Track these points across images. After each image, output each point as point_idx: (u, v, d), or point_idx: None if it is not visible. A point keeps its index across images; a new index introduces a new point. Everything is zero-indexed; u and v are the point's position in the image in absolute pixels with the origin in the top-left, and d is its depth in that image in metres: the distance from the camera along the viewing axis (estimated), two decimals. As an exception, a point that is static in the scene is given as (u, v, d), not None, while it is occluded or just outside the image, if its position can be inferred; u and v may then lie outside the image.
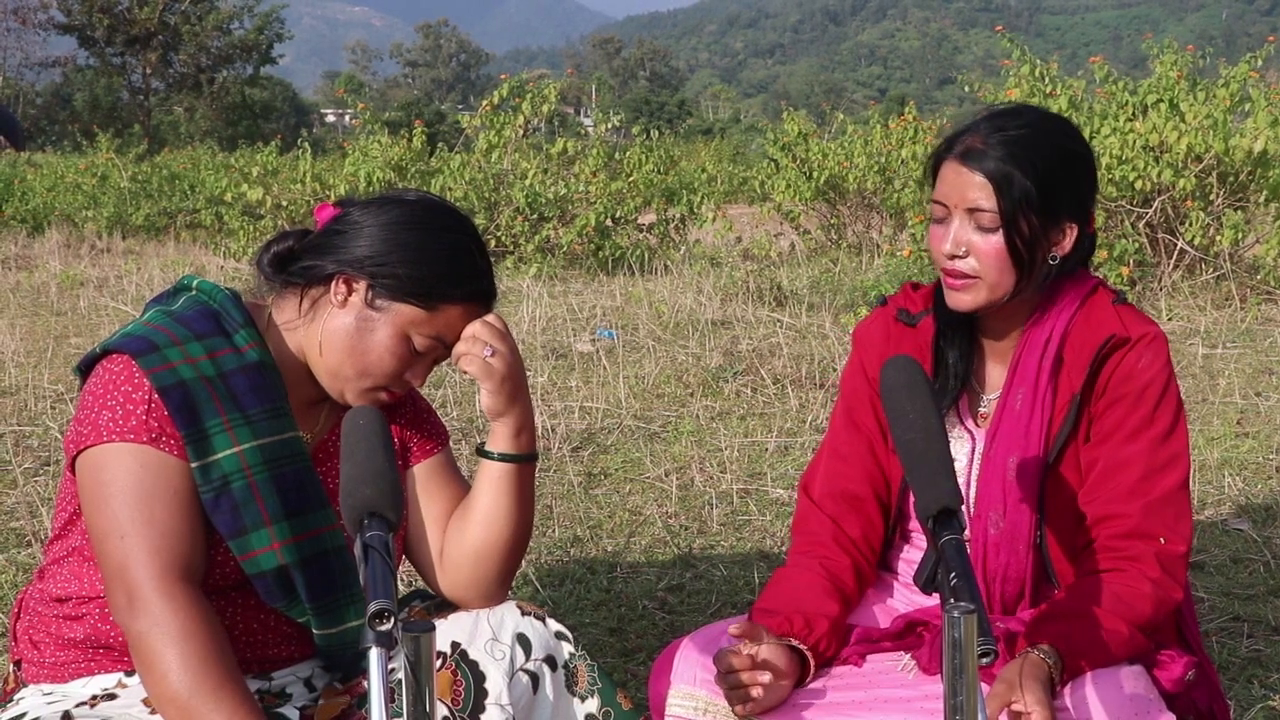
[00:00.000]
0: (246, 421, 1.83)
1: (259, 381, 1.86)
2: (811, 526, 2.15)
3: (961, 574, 1.43)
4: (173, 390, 1.78)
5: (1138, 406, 1.98)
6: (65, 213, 16.68)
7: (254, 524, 1.82)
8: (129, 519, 1.74)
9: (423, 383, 1.95)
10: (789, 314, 7.78)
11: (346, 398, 1.91)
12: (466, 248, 1.91)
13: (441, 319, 1.88)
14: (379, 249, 1.87)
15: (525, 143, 12.21)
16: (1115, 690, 1.81)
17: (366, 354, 1.87)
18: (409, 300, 1.86)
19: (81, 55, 49.70)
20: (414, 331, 1.87)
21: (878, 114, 13.63)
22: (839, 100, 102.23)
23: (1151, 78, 8.78)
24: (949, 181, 1.98)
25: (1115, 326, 2.00)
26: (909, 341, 2.12)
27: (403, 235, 1.88)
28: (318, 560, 1.89)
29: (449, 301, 1.88)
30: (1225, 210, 8.29)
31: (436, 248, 1.88)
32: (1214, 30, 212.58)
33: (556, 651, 1.94)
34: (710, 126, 57.12)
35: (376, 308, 1.87)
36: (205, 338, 1.85)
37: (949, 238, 1.97)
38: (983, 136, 1.96)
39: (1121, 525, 1.95)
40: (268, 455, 1.84)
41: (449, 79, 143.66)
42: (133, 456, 1.76)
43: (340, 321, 1.88)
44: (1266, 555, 3.64)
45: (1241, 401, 5.50)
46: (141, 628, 1.72)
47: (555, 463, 4.71)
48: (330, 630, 1.92)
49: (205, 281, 1.94)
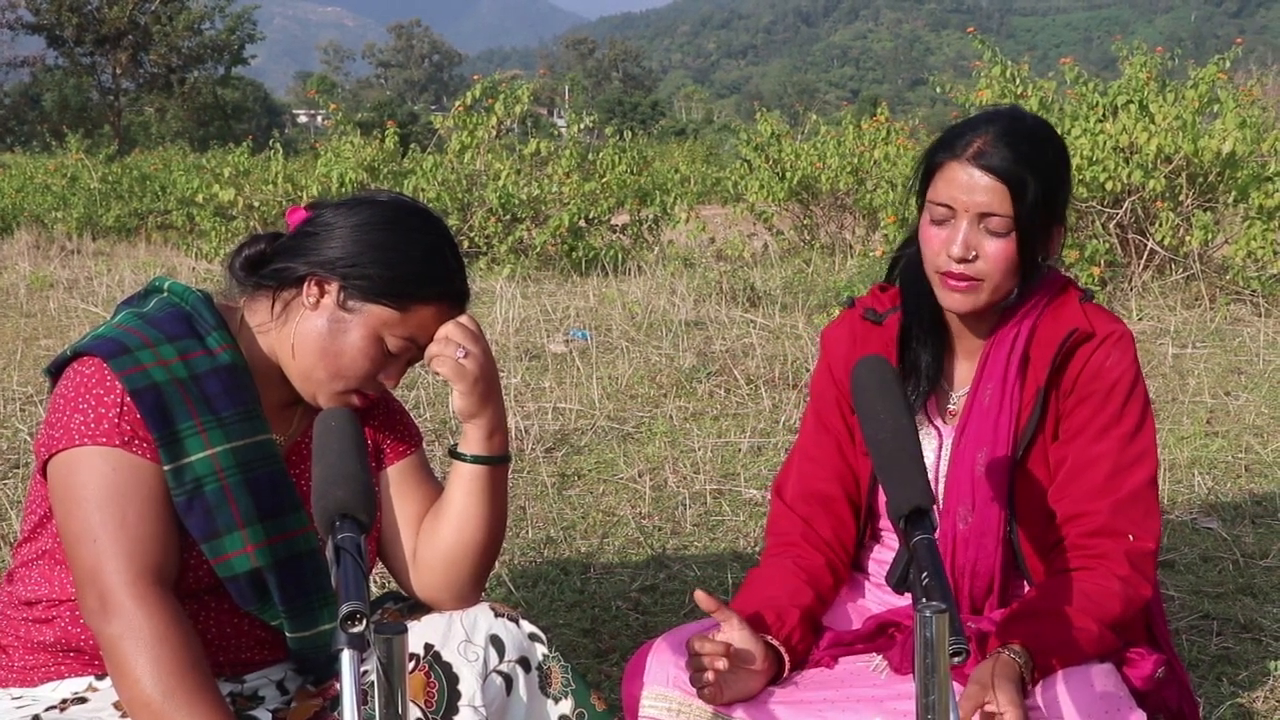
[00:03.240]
0: (219, 424, 1.82)
1: (232, 384, 1.85)
2: (784, 527, 2.17)
3: (933, 573, 1.44)
4: (145, 392, 1.77)
5: (1105, 404, 2.00)
6: (34, 214, 16.57)
7: (227, 527, 1.81)
8: (101, 523, 1.73)
9: (396, 384, 1.94)
10: (762, 314, 7.79)
11: (319, 400, 1.90)
12: (439, 248, 1.91)
13: (414, 319, 1.88)
14: (351, 250, 1.86)
15: (498, 143, 12.18)
16: (1086, 689, 1.83)
17: (339, 356, 1.87)
18: (381, 301, 1.85)
19: (50, 55, 49.35)
20: (387, 333, 1.87)
21: (850, 115, 13.66)
22: (812, 101, 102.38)
23: (1121, 79, 8.83)
24: (958, 184, 1.94)
25: (1080, 322, 2.01)
26: (875, 339, 2.13)
27: (374, 236, 1.87)
28: (291, 563, 1.88)
29: (421, 302, 1.87)
30: (1195, 211, 8.34)
31: (408, 248, 1.87)
32: (1183, 32, 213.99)
33: (530, 653, 1.94)
34: (683, 127, 57.16)
35: (349, 309, 1.86)
36: (177, 340, 1.83)
37: (958, 241, 1.94)
38: (991, 138, 1.93)
39: (1090, 523, 1.96)
40: (240, 458, 1.83)
41: (422, 80, 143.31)
42: (105, 460, 1.75)
43: (312, 324, 1.87)
44: (1236, 553, 3.67)
45: (1211, 401, 5.54)
46: (114, 632, 1.71)
47: (529, 464, 4.70)
48: (304, 633, 1.91)
49: (177, 283, 1.93)
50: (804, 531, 2.14)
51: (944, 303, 2.02)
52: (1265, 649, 3.05)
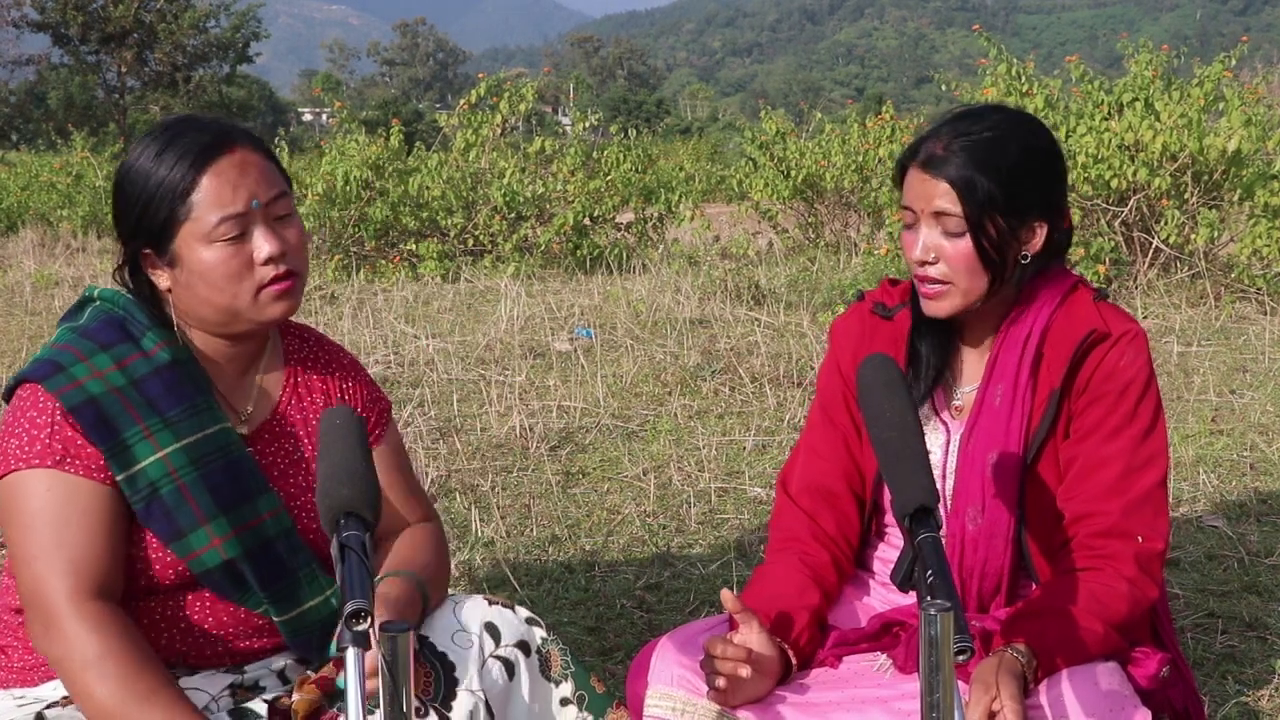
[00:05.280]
0: (166, 425, 1.82)
1: (173, 381, 1.85)
2: (788, 522, 2.17)
3: (938, 571, 1.44)
4: (84, 408, 1.77)
5: (1119, 404, 1.99)
6: (40, 212, 16.56)
7: (190, 525, 1.82)
8: (38, 544, 1.75)
9: (279, 243, 1.84)
10: (767, 312, 7.78)
11: (262, 319, 1.86)
12: (160, 153, 1.82)
13: (206, 203, 1.80)
14: (121, 216, 1.84)
15: (503, 142, 12.18)
16: (1091, 687, 1.82)
17: (217, 289, 1.82)
18: (174, 231, 1.80)
19: (56, 53, 49.31)
20: (208, 236, 1.80)
21: (855, 113, 13.66)
22: (816, 99, 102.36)
23: (1127, 77, 8.81)
24: (914, 189, 2.00)
25: (1096, 322, 2.01)
26: (884, 334, 2.14)
27: (125, 192, 1.83)
28: (262, 549, 1.88)
29: (193, 190, 1.79)
30: (1200, 209, 8.32)
31: (147, 177, 1.81)
32: (1188, 30, 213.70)
33: (529, 637, 1.95)
34: (688, 125, 57.19)
35: (174, 256, 1.82)
36: (111, 347, 1.84)
37: (918, 244, 1.99)
38: (944, 142, 1.97)
39: (1100, 523, 1.96)
40: (193, 455, 1.83)
41: (426, 78, 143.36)
42: (38, 482, 1.76)
43: (180, 288, 1.85)
44: (1241, 552, 3.66)
45: (1216, 399, 5.53)
46: (57, 654, 1.73)
47: (533, 462, 4.70)
48: (289, 615, 1.91)
49: (106, 290, 1.92)
50: (809, 527, 2.14)
51: (924, 309, 2.04)
52: (1270, 647, 3.04)
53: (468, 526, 3.98)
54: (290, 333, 2.08)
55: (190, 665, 1.91)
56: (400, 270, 10.37)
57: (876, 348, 2.10)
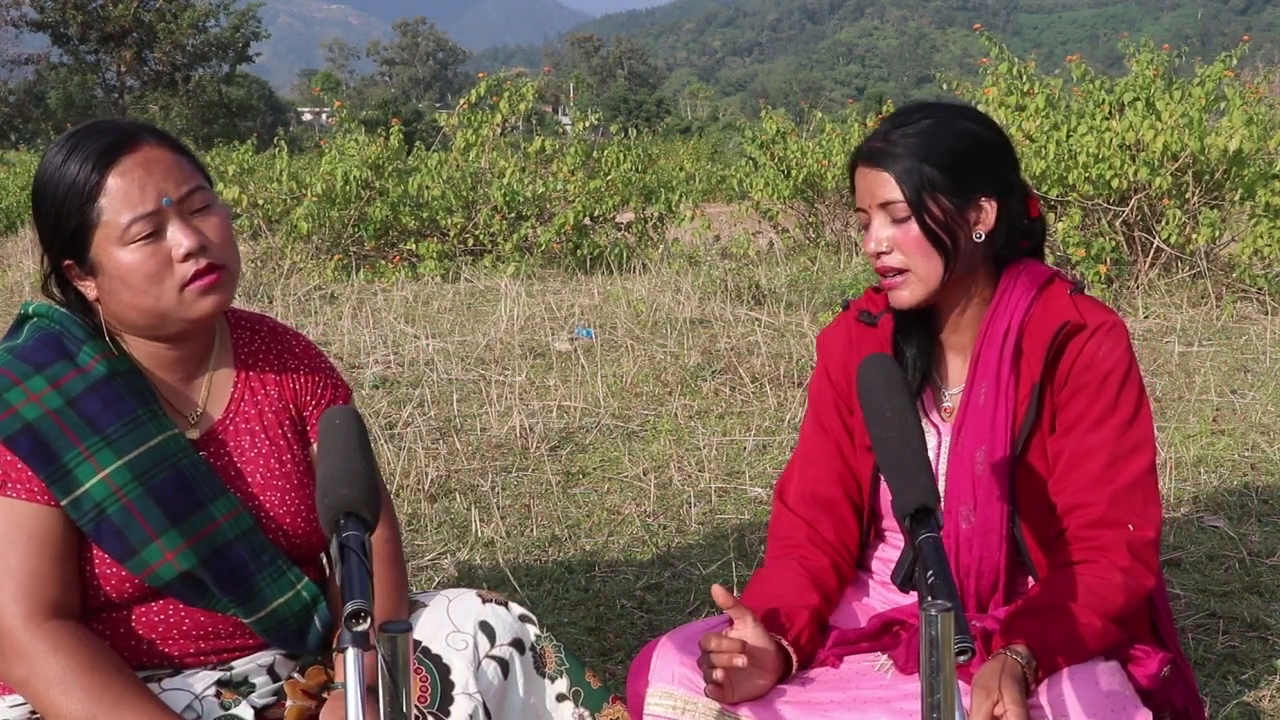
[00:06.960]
0: (106, 443, 1.79)
1: (111, 395, 1.82)
2: (786, 529, 2.18)
3: (939, 572, 1.44)
4: (19, 436, 1.76)
5: (1100, 395, 2.00)
6: (40, 211, 16.55)
7: (141, 542, 1.80)
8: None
9: (196, 237, 1.79)
10: (767, 312, 7.78)
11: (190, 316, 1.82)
12: (70, 151, 1.78)
13: (114, 205, 1.76)
14: (39, 227, 1.81)
15: (503, 141, 12.18)
16: (1092, 688, 1.82)
17: (139, 292, 1.79)
18: (87, 238, 1.78)
19: (55, 53, 49.33)
20: (122, 239, 1.77)
21: (856, 112, 13.66)
22: (817, 99, 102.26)
23: (1128, 76, 8.80)
24: (861, 186, 2.04)
25: (1070, 314, 2.02)
26: (870, 340, 2.15)
27: (39, 203, 1.81)
28: (218, 556, 1.85)
29: (99, 193, 1.76)
30: (1201, 209, 8.32)
31: (56, 184, 1.78)
32: (1190, 29, 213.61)
33: (523, 634, 1.94)
34: (688, 125, 57.17)
35: (95, 266, 1.80)
36: (46, 367, 1.81)
37: (871, 237, 2.03)
38: (883, 136, 2.02)
39: (1090, 514, 1.97)
40: (137, 470, 1.80)
41: (426, 77, 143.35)
42: None
43: (105, 295, 1.82)
44: (1242, 552, 3.66)
45: (1217, 399, 5.53)
46: (19, 675, 1.73)
47: (534, 462, 4.70)
48: (258, 615, 1.89)
49: (41, 305, 1.89)
50: (808, 534, 2.15)
51: (891, 301, 2.08)
52: (1271, 648, 3.04)
53: (468, 527, 3.98)
54: (241, 326, 2.03)
55: (175, 666, 1.89)
56: (400, 270, 10.37)
57: (863, 354, 2.10)
